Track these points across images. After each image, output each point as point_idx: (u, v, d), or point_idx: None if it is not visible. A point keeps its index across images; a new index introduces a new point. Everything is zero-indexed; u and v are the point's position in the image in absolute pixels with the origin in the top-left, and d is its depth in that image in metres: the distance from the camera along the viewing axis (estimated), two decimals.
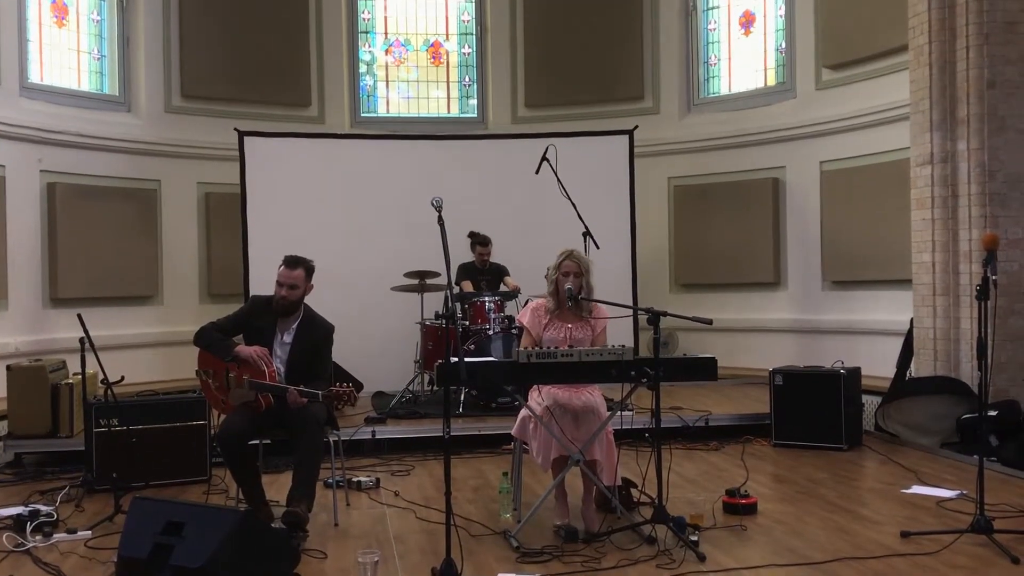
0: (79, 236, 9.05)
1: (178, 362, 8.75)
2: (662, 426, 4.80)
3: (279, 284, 5.22)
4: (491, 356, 7.64)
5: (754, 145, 10.14)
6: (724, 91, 10.74)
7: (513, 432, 5.17)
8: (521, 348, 4.96)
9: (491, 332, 7.95)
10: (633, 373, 4.71)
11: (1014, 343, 7.11)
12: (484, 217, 8.80)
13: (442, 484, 4.23)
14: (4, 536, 4.90)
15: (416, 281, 8.23)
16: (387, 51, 11.18)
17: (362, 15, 11.06)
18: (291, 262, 5.25)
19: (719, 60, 10.77)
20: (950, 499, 5.49)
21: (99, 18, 9.75)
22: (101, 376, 5.67)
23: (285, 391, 4.96)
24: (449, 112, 11.29)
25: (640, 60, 10.88)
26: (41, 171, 8.88)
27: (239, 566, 3.69)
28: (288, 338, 5.26)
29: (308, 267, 5.30)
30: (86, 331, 5.58)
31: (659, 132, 10.55)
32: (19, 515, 5.16)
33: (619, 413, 5.00)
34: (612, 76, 10.88)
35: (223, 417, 5.25)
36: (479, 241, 8.56)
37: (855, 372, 7.34)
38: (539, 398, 4.99)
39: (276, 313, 5.25)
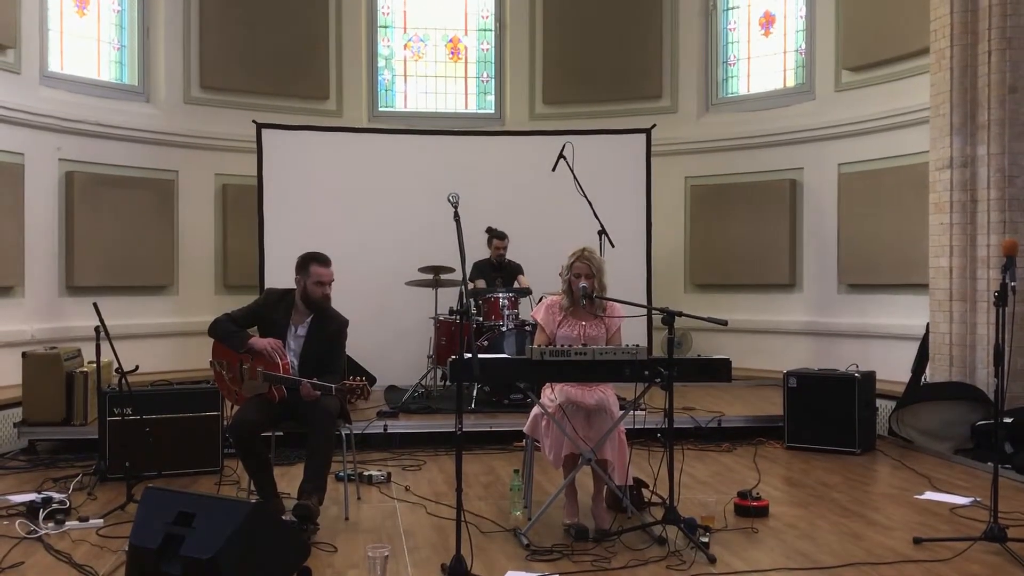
0: (96, 225, 9.09)
1: (192, 352, 8.78)
2: (675, 426, 4.79)
3: (323, 283, 5.23)
4: (504, 353, 7.65)
5: (772, 146, 10.10)
6: (743, 91, 10.70)
7: (525, 429, 5.17)
8: (535, 345, 4.95)
9: (504, 329, 7.95)
10: (647, 373, 4.70)
11: None
12: (500, 214, 8.79)
13: (453, 480, 4.23)
14: (16, 523, 4.94)
15: (430, 276, 8.24)
16: (406, 46, 11.18)
17: (382, 9, 11.06)
18: (326, 260, 5.28)
19: (738, 60, 10.73)
20: (963, 506, 5.47)
21: (119, 8, 9.78)
22: (116, 365, 5.69)
23: (298, 384, 4.97)
24: (467, 108, 11.29)
25: (659, 59, 10.85)
26: (59, 160, 8.92)
27: (249, 558, 3.69)
28: (302, 331, 5.28)
29: None
30: (101, 320, 5.60)
31: (677, 131, 10.51)
32: (32, 502, 5.21)
33: (631, 413, 4.99)
34: (630, 74, 10.85)
35: (236, 408, 5.27)
36: (496, 235, 8.56)
37: (870, 376, 7.31)
38: (552, 395, 4.99)
39: (310, 309, 5.26)
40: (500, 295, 8.13)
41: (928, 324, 7.66)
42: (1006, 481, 5.73)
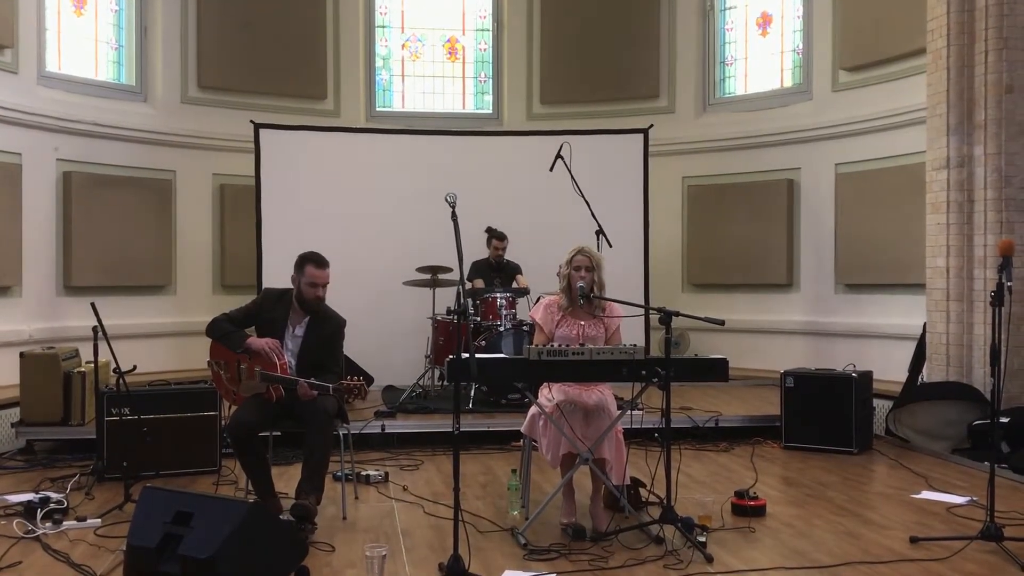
0: (94, 225, 9.09)
1: (190, 352, 8.76)
2: (672, 426, 4.79)
3: (316, 285, 5.22)
4: (502, 352, 7.65)
5: (769, 146, 10.11)
6: (740, 91, 10.71)
7: (523, 429, 5.16)
8: (533, 344, 4.96)
9: (502, 328, 7.95)
10: (644, 372, 4.70)
11: None
12: (497, 214, 8.79)
13: (451, 479, 4.24)
14: (14, 523, 4.93)
15: (428, 276, 8.24)
16: (403, 46, 11.18)
17: (379, 10, 11.07)
18: (322, 261, 5.26)
19: (735, 60, 10.74)
20: (960, 505, 5.48)
21: (117, 8, 9.77)
22: (113, 365, 5.69)
23: (296, 383, 4.97)
24: (464, 108, 11.29)
25: (656, 59, 10.86)
26: (57, 160, 8.92)
27: (247, 557, 3.70)
28: (300, 331, 5.28)
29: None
30: (99, 320, 5.60)
31: (674, 131, 10.53)
32: (30, 502, 5.20)
33: (629, 412, 4.99)
34: (628, 75, 10.86)
35: (234, 408, 5.27)
36: (496, 236, 8.55)
37: (867, 376, 7.32)
38: (549, 395, 4.99)
39: (306, 311, 5.26)
40: (498, 295, 8.13)
41: (925, 324, 7.67)
42: (1002, 480, 5.75)
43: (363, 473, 6.09)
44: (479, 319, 8.12)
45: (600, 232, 7.69)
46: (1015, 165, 7.10)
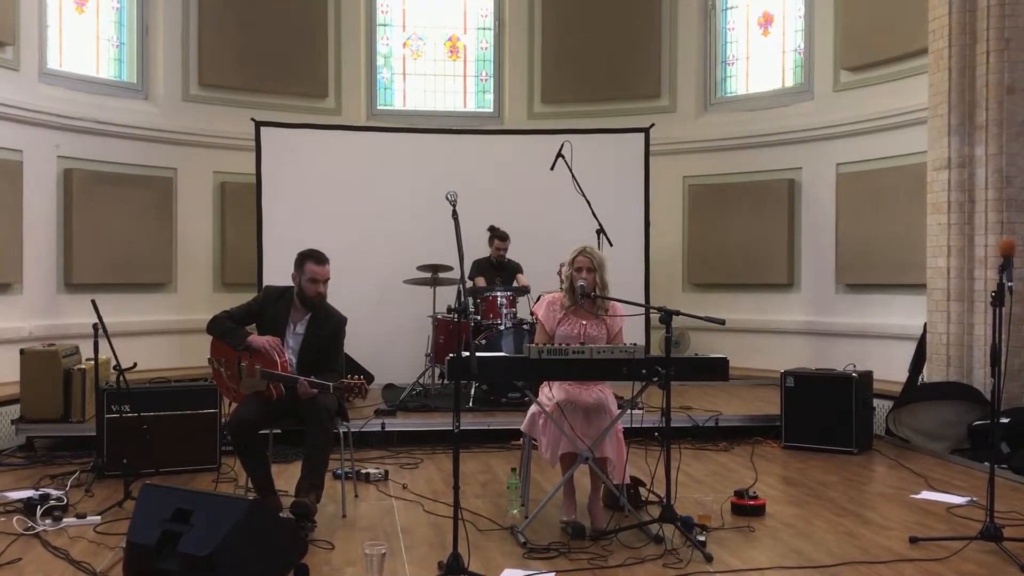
0: (95, 222, 9.09)
1: (191, 350, 8.78)
2: (672, 425, 4.79)
3: (316, 281, 5.21)
4: (502, 351, 7.66)
5: (770, 146, 10.11)
6: (741, 91, 10.71)
7: (523, 428, 5.16)
8: (535, 341, 4.95)
9: (503, 327, 7.95)
10: (644, 372, 4.69)
11: None
12: (498, 212, 8.80)
13: (450, 478, 4.24)
14: (14, 519, 4.94)
15: (429, 275, 8.24)
16: (405, 44, 11.18)
17: (381, 8, 11.06)
18: (321, 258, 5.26)
19: (737, 60, 10.74)
20: (960, 505, 5.47)
21: (118, 5, 9.77)
22: (114, 362, 5.69)
23: (296, 381, 4.97)
24: (465, 107, 11.30)
25: (658, 58, 10.86)
26: (58, 157, 8.92)
27: (246, 555, 3.70)
28: (301, 329, 5.28)
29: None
30: (100, 317, 5.61)
31: (675, 131, 10.52)
32: (29, 499, 5.21)
33: (629, 412, 4.99)
34: (629, 74, 10.86)
35: (234, 406, 5.27)
36: (498, 236, 8.54)
37: (867, 376, 7.32)
38: (549, 394, 4.98)
39: (306, 307, 5.26)
40: (498, 294, 8.13)
41: (925, 324, 7.67)
42: (1002, 481, 5.75)
43: (363, 471, 6.09)
44: (479, 317, 8.12)
45: (601, 231, 7.69)
46: (1016, 166, 7.10)
